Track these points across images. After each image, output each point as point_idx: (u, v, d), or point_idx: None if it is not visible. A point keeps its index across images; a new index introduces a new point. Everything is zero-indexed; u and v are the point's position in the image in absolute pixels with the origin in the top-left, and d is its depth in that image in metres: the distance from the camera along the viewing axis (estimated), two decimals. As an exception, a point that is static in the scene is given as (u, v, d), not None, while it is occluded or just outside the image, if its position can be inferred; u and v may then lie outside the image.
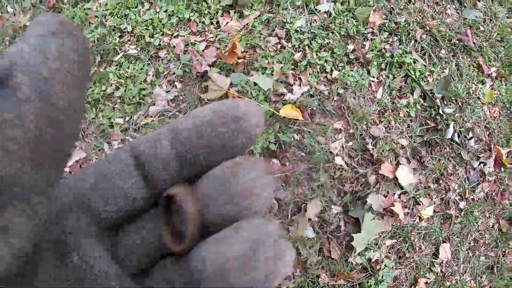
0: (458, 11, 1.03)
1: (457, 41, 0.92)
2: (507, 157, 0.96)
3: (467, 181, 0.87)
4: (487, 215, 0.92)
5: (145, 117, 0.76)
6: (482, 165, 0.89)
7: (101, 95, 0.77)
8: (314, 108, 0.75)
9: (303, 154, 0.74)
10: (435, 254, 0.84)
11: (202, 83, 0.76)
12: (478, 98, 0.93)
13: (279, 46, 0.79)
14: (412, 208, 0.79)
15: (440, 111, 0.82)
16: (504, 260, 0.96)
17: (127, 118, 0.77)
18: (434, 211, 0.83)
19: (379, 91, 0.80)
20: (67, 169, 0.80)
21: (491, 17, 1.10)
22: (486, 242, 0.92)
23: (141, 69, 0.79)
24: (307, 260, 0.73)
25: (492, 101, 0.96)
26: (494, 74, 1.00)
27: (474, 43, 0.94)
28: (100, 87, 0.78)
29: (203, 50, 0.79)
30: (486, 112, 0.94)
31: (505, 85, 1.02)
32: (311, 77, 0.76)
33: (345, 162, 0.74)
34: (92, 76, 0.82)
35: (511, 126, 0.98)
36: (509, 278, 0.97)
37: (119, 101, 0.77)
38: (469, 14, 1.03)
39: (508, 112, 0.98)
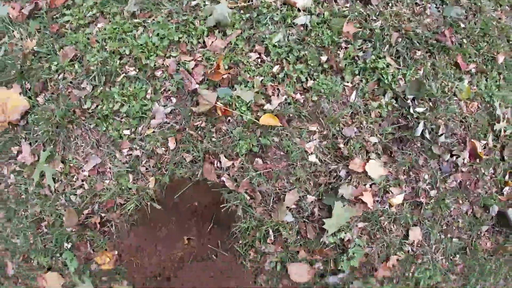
0: (439, 9, 1.13)
1: (434, 42, 1.04)
2: (484, 148, 1.10)
3: (438, 172, 1.03)
4: (461, 201, 1.08)
5: (148, 129, 0.98)
6: (455, 157, 1.04)
7: (109, 111, 0.99)
8: (291, 115, 0.94)
9: (282, 153, 0.92)
10: (406, 237, 1.04)
11: (193, 97, 0.96)
12: (455, 94, 1.06)
13: (259, 60, 0.95)
14: (382, 197, 0.97)
15: (411, 111, 0.98)
16: (478, 243, 1.13)
17: (133, 130, 0.98)
18: (404, 199, 1.01)
19: (352, 95, 0.96)
20: (86, 173, 1.03)
21: (475, 11, 1.18)
22: (460, 226, 1.09)
23: (141, 87, 0.99)
24: (287, 240, 0.96)
25: (470, 97, 1.08)
26: (473, 70, 1.10)
27: (452, 42, 1.04)
28: (107, 104, 0.99)
29: (192, 69, 0.97)
30: (463, 107, 1.07)
31: (486, 80, 1.13)
32: (288, 87, 0.93)
33: (319, 159, 0.94)
34: (99, 94, 1.01)
35: (490, 120, 1.10)
36: (484, 259, 1.15)
37: (125, 115, 0.98)
38: (450, 12, 1.12)
39: (488, 105, 1.10)
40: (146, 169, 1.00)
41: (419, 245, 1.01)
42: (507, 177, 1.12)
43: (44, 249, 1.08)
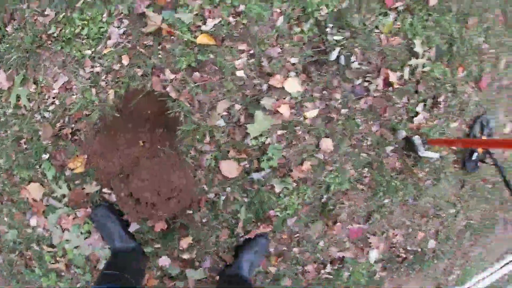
0: None
1: None
2: (399, 80, 1.39)
3: (351, 94, 1.35)
4: (370, 122, 1.41)
5: (105, 48, 1.27)
6: (367, 83, 1.35)
7: (71, 35, 1.25)
8: (224, 35, 1.24)
9: (216, 68, 1.24)
10: (318, 146, 1.38)
11: (143, 19, 1.23)
12: (377, 27, 1.32)
13: None
14: (298, 110, 1.31)
15: (329, 38, 1.26)
16: (386, 162, 1.49)
17: (93, 50, 1.26)
18: (319, 113, 1.33)
19: (279, 20, 1.24)
20: (56, 91, 1.36)
21: None
22: (368, 144, 1.44)
23: (98, 12, 1.24)
24: (220, 141, 1.32)
25: (392, 32, 1.34)
26: (401, 8, 1.35)
27: None
28: (70, 28, 1.25)
29: None
30: (383, 40, 1.34)
31: (412, 18, 1.37)
32: (223, 11, 1.20)
33: (246, 74, 1.25)
34: (61, 19, 1.27)
35: (409, 55, 1.37)
36: (391, 176, 1.52)
37: (86, 37, 1.26)
38: None
39: (410, 42, 1.37)
40: (106, 83, 1.31)
41: (330, 154, 1.37)
42: (420, 108, 1.44)
43: (25, 163, 1.40)
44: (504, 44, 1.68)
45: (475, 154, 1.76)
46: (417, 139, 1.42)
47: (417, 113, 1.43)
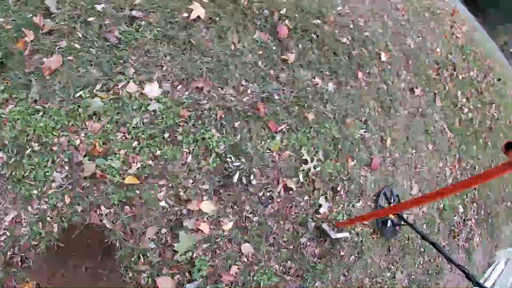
0: (260, 87, 1.88)
1: (250, 113, 1.78)
2: (296, 184, 1.85)
3: (259, 204, 1.77)
4: (281, 222, 1.82)
5: (50, 189, 1.68)
6: (270, 192, 1.78)
7: (21, 176, 1.64)
8: (147, 175, 1.66)
9: (142, 201, 1.66)
10: (240, 251, 1.76)
11: (80, 166, 1.67)
12: (268, 148, 1.80)
13: (123, 138, 1.68)
14: (216, 225, 1.70)
15: (230, 165, 1.70)
16: (305, 250, 1.87)
17: (39, 190, 1.67)
18: (235, 225, 1.73)
19: (189, 157, 1.69)
20: (6, 223, 1.72)
21: (292, 82, 1.95)
22: (285, 240, 1.83)
23: (43, 159, 1.68)
24: (153, 260, 1.66)
25: (281, 148, 1.83)
26: (285, 129, 1.86)
27: (265, 112, 1.79)
28: (19, 171, 1.66)
29: (78, 145, 1.69)
30: (275, 157, 1.81)
31: (297, 134, 1.88)
32: (143, 156, 1.66)
33: (167, 203, 1.65)
34: (12, 163, 1.70)
35: (300, 162, 1.85)
36: (314, 262, 1.89)
37: (33, 179, 1.68)
38: (269, 87, 1.88)
39: (299, 152, 1.85)
40: (51, 218, 1.66)
41: (253, 257, 1.73)
42: (322, 200, 1.88)
43: (-24, 289, 1.70)
44: (385, 126, 2.23)
45: (389, 222, 2.20)
46: (325, 226, 1.83)
47: (320, 205, 1.86)
